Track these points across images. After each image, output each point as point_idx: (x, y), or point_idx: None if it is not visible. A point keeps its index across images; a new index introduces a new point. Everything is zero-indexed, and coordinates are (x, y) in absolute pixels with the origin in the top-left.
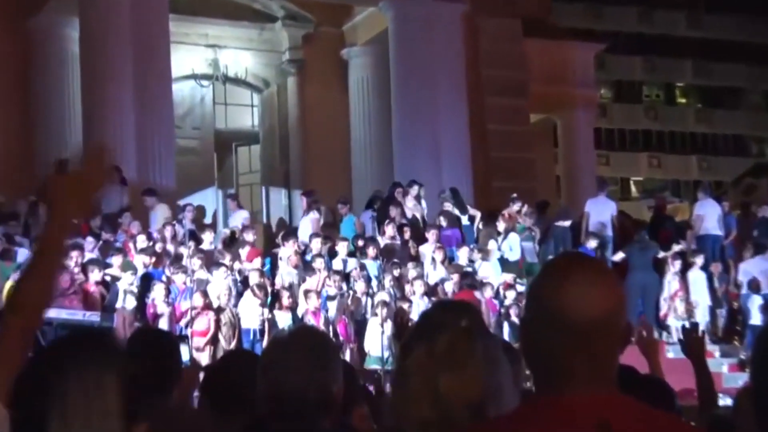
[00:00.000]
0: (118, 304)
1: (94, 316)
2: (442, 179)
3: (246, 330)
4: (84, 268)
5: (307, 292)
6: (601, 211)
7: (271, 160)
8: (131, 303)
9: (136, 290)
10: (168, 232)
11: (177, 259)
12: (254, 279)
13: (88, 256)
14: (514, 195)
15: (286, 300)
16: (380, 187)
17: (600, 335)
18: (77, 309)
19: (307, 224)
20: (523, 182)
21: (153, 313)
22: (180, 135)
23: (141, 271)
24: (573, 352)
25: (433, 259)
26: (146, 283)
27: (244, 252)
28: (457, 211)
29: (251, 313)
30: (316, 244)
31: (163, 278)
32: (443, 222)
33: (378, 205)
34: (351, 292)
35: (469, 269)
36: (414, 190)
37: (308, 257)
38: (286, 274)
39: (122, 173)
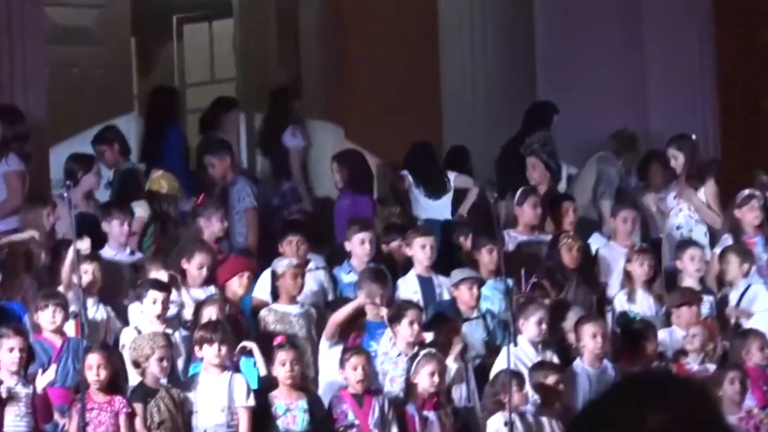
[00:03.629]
0: None
1: None
2: (650, 114)
3: None
4: None
5: (346, 351)
6: None
7: (262, 56)
8: None
9: None
10: (46, 218)
11: (51, 275)
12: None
13: None
14: None
15: (286, 368)
16: (504, 125)
17: None
18: None
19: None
20: None
21: None
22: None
23: None
24: None
25: (628, 275)
26: None
27: (200, 261)
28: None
29: (213, 399)
30: (359, 245)
31: (26, 320)
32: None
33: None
34: (458, 348)
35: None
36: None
37: (345, 272)
38: (280, 312)
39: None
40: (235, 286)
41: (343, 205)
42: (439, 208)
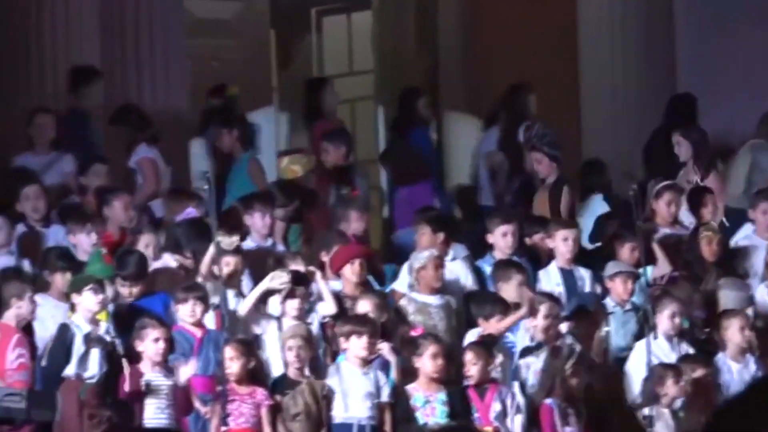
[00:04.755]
0: (69, 370)
1: (9, 401)
2: None
3: (343, 425)
4: None
5: (477, 346)
6: None
7: (400, 48)
8: (95, 366)
9: (109, 338)
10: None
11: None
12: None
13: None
14: None
15: (433, 361)
16: (645, 121)
17: None
18: None
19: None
20: None
21: (130, 388)
22: None
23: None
24: None
25: None
26: (128, 323)
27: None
28: None
29: (357, 389)
30: (501, 237)
31: (175, 310)
32: None
33: None
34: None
35: None
36: None
37: (488, 264)
38: (420, 302)
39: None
40: (348, 273)
41: (400, 199)
42: None
